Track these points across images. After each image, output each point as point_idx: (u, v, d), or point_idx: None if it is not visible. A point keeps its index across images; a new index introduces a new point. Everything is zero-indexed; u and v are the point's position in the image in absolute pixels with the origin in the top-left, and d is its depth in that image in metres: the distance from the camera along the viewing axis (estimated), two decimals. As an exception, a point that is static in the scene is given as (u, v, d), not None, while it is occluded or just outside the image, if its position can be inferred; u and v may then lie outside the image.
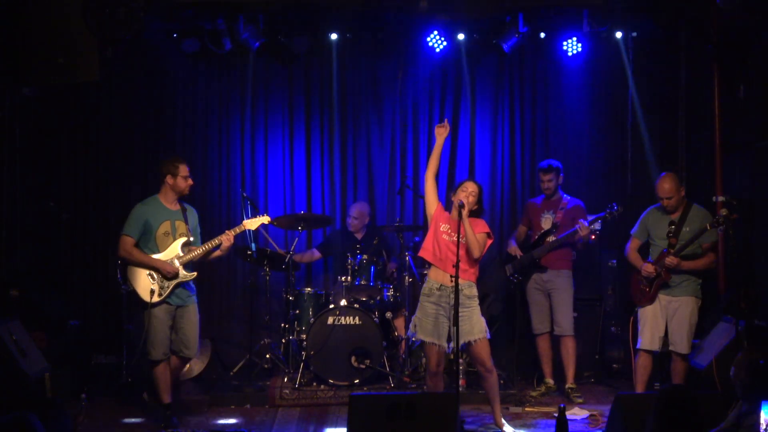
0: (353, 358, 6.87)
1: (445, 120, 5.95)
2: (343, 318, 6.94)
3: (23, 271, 7.31)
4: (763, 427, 3.90)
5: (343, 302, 7.02)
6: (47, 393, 6.11)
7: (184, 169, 6.04)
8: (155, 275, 5.93)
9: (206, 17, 7.49)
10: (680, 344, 6.07)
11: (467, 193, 5.77)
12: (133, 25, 6.54)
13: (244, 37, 7.53)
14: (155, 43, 7.74)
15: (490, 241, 5.89)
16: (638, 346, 6.23)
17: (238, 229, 6.23)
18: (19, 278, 6.98)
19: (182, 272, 5.99)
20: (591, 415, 6.25)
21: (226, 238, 6.07)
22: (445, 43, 7.77)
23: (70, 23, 6.50)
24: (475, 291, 5.84)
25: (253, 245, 6.99)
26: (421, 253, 5.94)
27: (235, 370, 7.24)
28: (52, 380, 6.19)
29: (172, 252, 6.00)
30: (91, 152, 7.96)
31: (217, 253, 6.17)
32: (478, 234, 5.73)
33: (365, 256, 7.23)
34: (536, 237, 6.93)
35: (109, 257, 7.57)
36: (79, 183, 7.95)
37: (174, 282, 5.95)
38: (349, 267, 7.18)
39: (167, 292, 5.94)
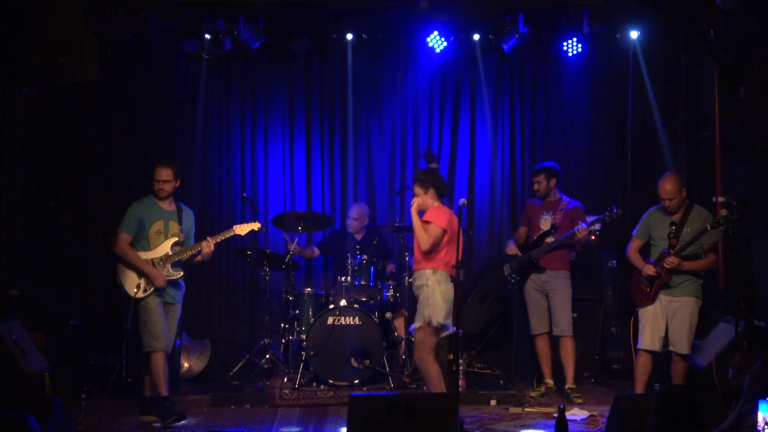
0: (353, 359, 6.87)
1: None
2: (343, 318, 6.94)
3: (23, 271, 7.31)
4: (761, 426, 3.90)
5: (343, 302, 7.02)
6: (47, 393, 6.11)
7: (158, 173, 6.14)
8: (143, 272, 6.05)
9: (206, 17, 7.50)
10: (680, 344, 6.07)
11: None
12: (133, 25, 6.55)
13: (244, 37, 7.53)
14: (155, 43, 7.74)
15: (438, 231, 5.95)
16: (639, 345, 6.23)
17: (227, 233, 6.33)
18: (19, 278, 6.98)
19: (169, 270, 6.10)
20: (591, 416, 6.24)
21: (206, 245, 6.17)
22: (445, 43, 7.76)
23: (70, 23, 6.50)
24: (420, 281, 5.97)
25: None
26: None
27: (235, 370, 7.23)
28: (51, 380, 6.20)
29: (162, 251, 6.13)
30: (91, 152, 7.96)
31: (199, 258, 6.25)
32: (430, 227, 5.91)
33: (365, 257, 7.23)
34: (535, 238, 6.93)
35: (109, 257, 7.57)
36: (79, 183, 7.95)
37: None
38: (349, 267, 7.18)
39: (152, 289, 6.06)
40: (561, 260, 6.87)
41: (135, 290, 6.01)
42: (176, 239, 6.17)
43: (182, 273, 6.19)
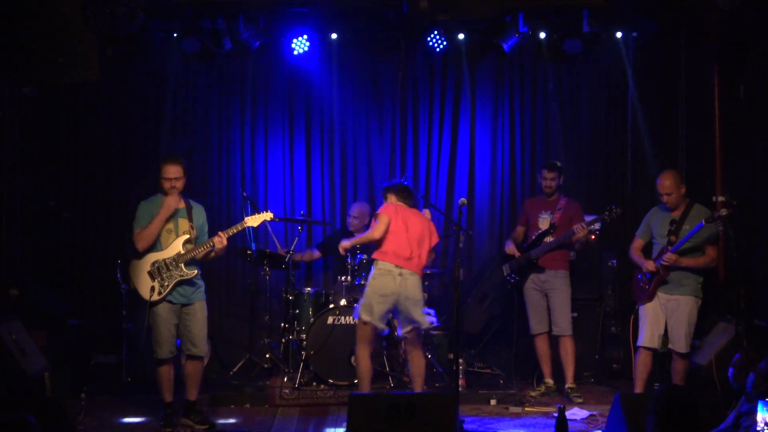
0: (353, 358, 6.86)
1: None
2: (343, 318, 6.95)
3: (23, 271, 7.31)
4: (760, 426, 3.90)
5: (343, 302, 7.02)
6: (47, 392, 6.12)
7: (166, 171, 5.99)
8: (156, 274, 5.92)
9: (206, 17, 7.49)
10: (679, 343, 6.07)
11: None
12: (133, 25, 6.54)
13: (244, 37, 7.53)
14: (155, 43, 7.75)
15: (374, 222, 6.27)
16: (638, 343, 6.24)
17: (240, 226, 6.16)
18: (19, 278, 6.99)
19: (183, 269, 5.97)
20: (591, 415, 6.25)
21: (218, 240, 6.01)
22: (445, 43, 7.76)
23: (70, 23, 6.49)
24: None
25: (253, 245, 6.97)
26: None
27: (235, 369, 7.24)
28: (51, 380, 6.20)
29: (174, 249, 5.97)
30: (91, 152, 7.96)
31: (213, 254, 6.11)
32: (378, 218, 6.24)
33: (365, 256, 7.22)
34: (534, 237, 6.93)
35: (109, 257, 7.58)
36: (79, 183, 7.96)
37: (174, 280, 5.93)
38: (349, 266, 7.18)
39: (167, 291, 5.90)
40: (560, 260, 6.87)
41: (150, 292, 5.86)
42: (187, 236, 6.01)
43: (197, 271, 6.02)
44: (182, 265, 5.95)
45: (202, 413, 6.09)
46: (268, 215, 6.27)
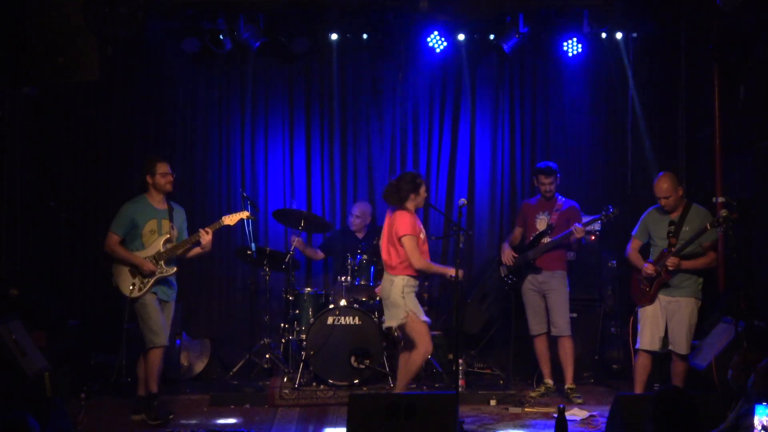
0: (353, 358, 6.88)
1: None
2: (342, 318, 6.95)
3: (23, 271, 7.31)
4: (757, 429, 3.89)
5: (343, 302, 7.02)
6: (47, 392, 6.11)
7: (161, 167, 6.21)
8: (136, 271, 6.10)
9: (206, 17, 7.50)
10: (679, 345, 6.07)
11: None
12: (133, 25, 6.54)
13: (244, 37, 7.54)
14: (155, 43, 7.74)
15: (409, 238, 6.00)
16: (638, 345, 6.24)
17: (216, 225, 6.36)
18: (19, 278, 6.99)
19: (163, 267, 6.14)
20: (590, 416, 6.25)
21: (203, 233, 6.21)
22: (445, 43, 7.77)
23: (70, 23, 6.49)
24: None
25: (253, 245, 6.98)
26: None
27: (234, 370, 7.24)
28: (51, 379, 6.19)
29: (154, 248, 6.17)
30: (91, 152, 7.96)
31: (197, 250, 6.29)
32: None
33: (365, 256, 7.23)
34: (531, 238, 6.92)
35: (109, 257, 7.57)
36: (79, 183, 7.95)
37: (154, 278, 6.11)
38: (349, 267, 7.19)
39: (147, 287, 6.10)
40: (557, 260, 6.86)
41: (131, 289, 6.05)
42: (167, 237, 6.22)
43: (175, 269, 6.24)
44: (162, 263, 6.14)
45: (156, 408, 6.14)
46: (244, 214, 6.51)
